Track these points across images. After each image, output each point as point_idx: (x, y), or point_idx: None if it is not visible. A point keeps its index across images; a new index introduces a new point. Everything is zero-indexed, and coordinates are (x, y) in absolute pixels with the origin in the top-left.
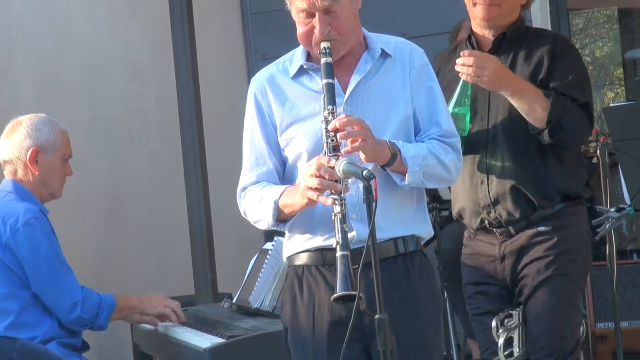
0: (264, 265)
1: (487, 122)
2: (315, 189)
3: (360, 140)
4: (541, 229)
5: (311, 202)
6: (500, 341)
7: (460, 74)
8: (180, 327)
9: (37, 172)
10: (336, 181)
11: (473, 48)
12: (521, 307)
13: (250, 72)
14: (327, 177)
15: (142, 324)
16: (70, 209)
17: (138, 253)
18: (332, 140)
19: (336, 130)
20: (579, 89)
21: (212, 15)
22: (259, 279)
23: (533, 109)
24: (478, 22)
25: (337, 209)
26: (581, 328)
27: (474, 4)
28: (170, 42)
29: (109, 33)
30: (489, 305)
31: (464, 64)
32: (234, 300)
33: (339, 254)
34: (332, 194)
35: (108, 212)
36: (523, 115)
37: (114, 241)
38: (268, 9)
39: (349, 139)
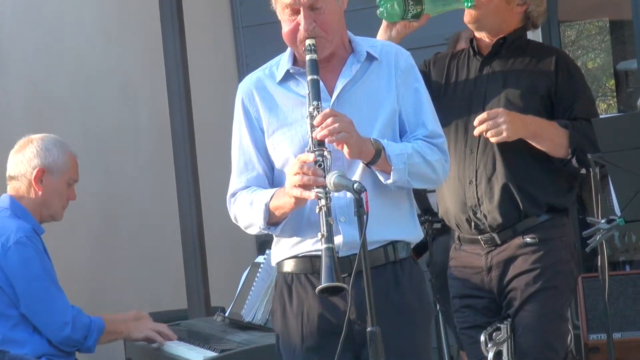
0: (256, 279)
1: None
2: (299, 186)
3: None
4: (528, 240)
5: (300, 202)
6: (490, 355)
7: (484, 136)
8: (173, 342)
9: (40, 192)
10: (320, 176)
11: (474, 51)
12: (509, 319)
13: None
14: (310, 172)
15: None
16: (62, 224)
17: (131, 267)
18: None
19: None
20: (590, 108)
21: (203, 29)
22: (251, 293)
23: (554, 144)
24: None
25: (322, 202)
26: (569, 337)
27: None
28: (162, 54)
29: (100, 46)
30: (477, 318)
31: (481, 122)
32: (226, 314)
33: (323, 246)
34: (315, 188)
35: (100, 226)
36: (547, 152)
37: (106, 255)
38: (259, 22)
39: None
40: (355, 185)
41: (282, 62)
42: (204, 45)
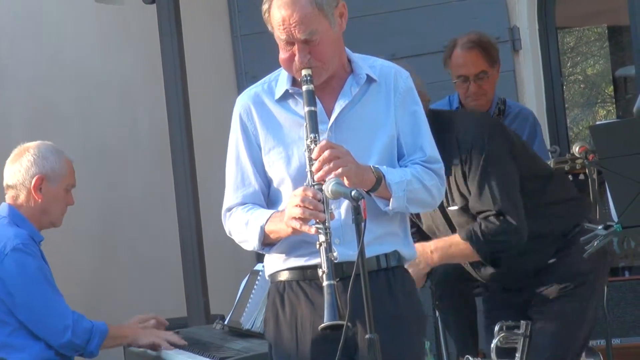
0: (255, 287)
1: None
2: (299, 219)
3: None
4: (550, 261)
5: (296, 231)
6: (494, 342)
7: None
8: (173, 350)
9: (40, 200)
10: (321, 211)
11: None
12: (529, 321)
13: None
14: (311, 207)
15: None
16: (62, 234)
17: (130, 275)
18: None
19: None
20: (490, 200)
21: (202, 37)
22: (250, 301)
23: (464, 257)
24: None
25: (322, 238)
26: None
27: None
28: (161, 64)
29: (100, 58)
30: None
31: None
32: (225, 322)
33: (325, 283)
34: (316, 223)
35: (100, 235)
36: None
37: (106, 265)
38: (258, 31)
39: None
40: (353, 193)
41: (281, 81)
42: (202, 54)
